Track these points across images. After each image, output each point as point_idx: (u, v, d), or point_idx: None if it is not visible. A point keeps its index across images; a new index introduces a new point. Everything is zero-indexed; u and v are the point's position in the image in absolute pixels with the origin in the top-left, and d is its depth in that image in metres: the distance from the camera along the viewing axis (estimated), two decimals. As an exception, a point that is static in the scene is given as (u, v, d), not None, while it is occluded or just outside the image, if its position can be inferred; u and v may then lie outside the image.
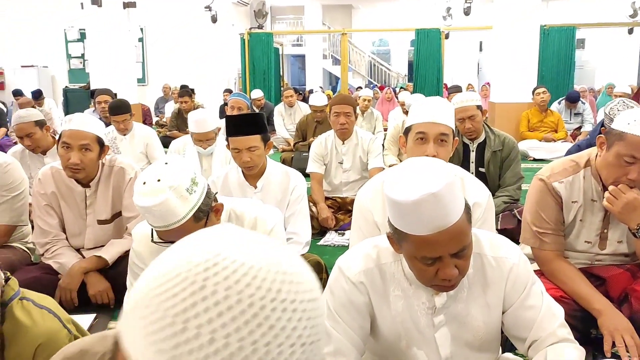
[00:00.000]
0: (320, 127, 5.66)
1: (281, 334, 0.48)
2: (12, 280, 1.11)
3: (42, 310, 1.11)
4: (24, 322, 1.07)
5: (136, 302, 0.50)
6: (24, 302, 1.10)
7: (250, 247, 0.51)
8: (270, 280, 0.49)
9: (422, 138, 1.90)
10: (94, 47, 8.22)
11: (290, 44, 18.68)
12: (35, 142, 3.40)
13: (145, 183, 1.50)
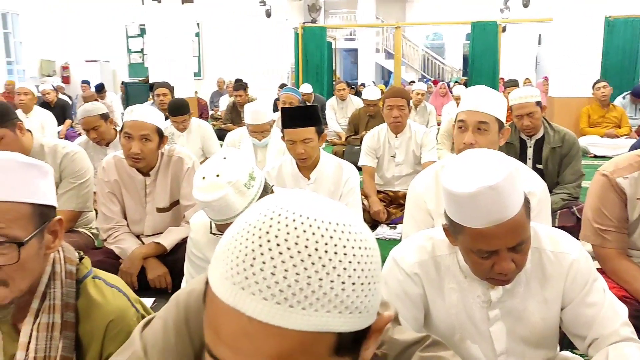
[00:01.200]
0: (373, 121, 5.64)
1: (333, 272, 0.55)
2: (85, 259, 1.17)
3: (112, 289, 1.16)
4: (96, 299, 1.11)
5: (220, 248, 0.60)
6: (96, 281, 1.15)
7: (314, 204, 0.59)
8: (325, 228, 0.56)
9: (461, 127, 1.89)
10: (153, 42, 8.47)
11: (343, 38, 18.67)
12: (100, 135, 3.57)
13: (204, 178, 1.53)
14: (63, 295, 1.09)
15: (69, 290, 1.10)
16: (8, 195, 0.99)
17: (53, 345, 1.07)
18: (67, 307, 1.09)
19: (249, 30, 11.92)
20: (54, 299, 1.08)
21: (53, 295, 1.08)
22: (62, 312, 1.08)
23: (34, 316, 1.07)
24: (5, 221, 0.98)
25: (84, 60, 13.06)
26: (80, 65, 13.09)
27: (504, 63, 11.31)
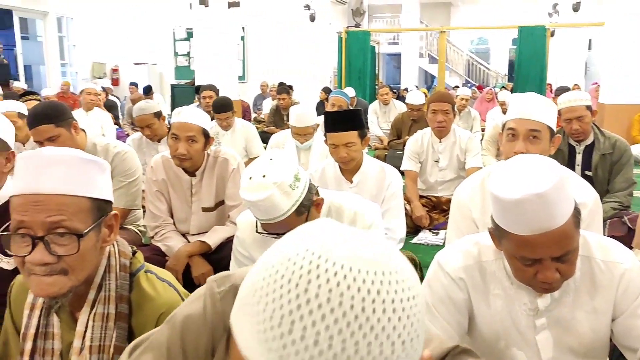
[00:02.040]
0: (416, 126, 5.60)
1: (382, 334, 0.50)
2: (138, 253, 1.22)
3: (163, 283, 1.19)
4: (148, 292, 1.16)
5: (246, 296, 0.54)
6: (148, 275, 1.19)
7: (350, 247, 0.53)
8: (370, 281, 0.51)
9: (512, 134, 1.85)
10: (199, 46, 8.66)
11: (386, 42, 18.60)
12: (153, 132, 3.72)
13: (251, 178, 1.56)
14: (117, 287, 1.13)
15: (122, 282, 1.15)
16: (70, 190, 1.03)
17: (107, 335, 1.11)
18: (121, 298, 1.13)
19: (293, 35, 12.04)
20: (109, 291, 1.13)
21: (108, 286, 1.13)
22: (117, 304, 1.12)
23: (90, 306, 1.12)
24: (67, 214, 1.02)
25: (133, 63, 13.45)
26: (129, 68, 13.49)
27: (552, 68, 11.05)
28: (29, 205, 1.01)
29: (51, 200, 1.02)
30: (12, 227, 1.03)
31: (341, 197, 1.83)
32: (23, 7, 11.23)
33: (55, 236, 1.02)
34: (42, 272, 1.02)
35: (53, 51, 12.14)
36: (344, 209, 1.78)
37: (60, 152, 1.06)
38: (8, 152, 1.66)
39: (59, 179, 1.03)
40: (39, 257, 1.01)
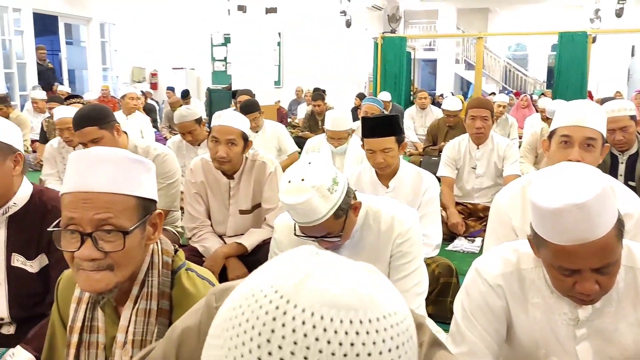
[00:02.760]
0: (453, 132, 5.56)
1: None
2: (180, 252, 1.25)
3: (203, 281, 1.22)
4: (189, 290, 1.18)
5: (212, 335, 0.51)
6: (189, 273, 1.22)
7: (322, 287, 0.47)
8: (343, 332, 0.45)
9: (566, 142, 1.80)
10: (236, 51, 8.78)
11: (421, 48, 18.50)
12: (194, 137, 3.84)
13: (290, 181, 1.58)
14: (159, 284, 1.16)
15: (164, 279, 1.18)
16: (118, 188, 1.07)
17: (149, 330, 1.14)
18: (163, 295, 1.16)
19: (329, 40, 12.09)
20: (151, 287, 1.16)
21: (151, 283, 1.16)
22: (158, 300, 1.15)
23: (133, 301, 1.15)
24: (114, 211, 1.06)
25: (171, 67, 13.72)
26: (167, 73, 13.76)
27: (593, 75, 10.79)
28: (79, 203, 1.05)
29: (99, 198, 1.05)
30: (62, 224, 1.06)
31: (379, 202, 1.84)
32: (68, 14, 11.59)
33: (102, 233, 1.05)
34: (90, 267, 1.06)
35: (95, 56, 12.50)
36: (382, 214, 1.78)
37: (108, 152, 1.10)
38: (15, 155, 1.65)
39: (107, 177, 1.06)
40: (87, 253, 1.04)
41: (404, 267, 1.74)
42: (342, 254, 1.76)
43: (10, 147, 1.61)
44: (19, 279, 1.67)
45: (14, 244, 1.66)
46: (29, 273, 1.67)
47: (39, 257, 1.68)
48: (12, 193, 1.63)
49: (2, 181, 1.59)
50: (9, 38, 10.37)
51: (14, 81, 10.60)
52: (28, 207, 1.66)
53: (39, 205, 1.67)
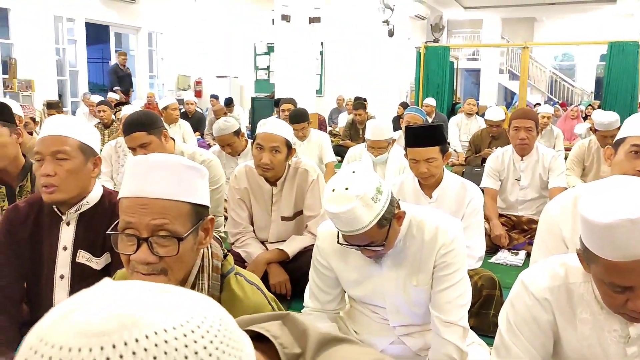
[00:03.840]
0: (496, 143, 5.48)
1: None
2: (229, 256, 1.28)
3: (252, 286, 1.25)
4: (238, 294, 1.21)
5: None
6: (238, 277, 1.25)
7: (79, 318, 0.43)
8: (102, 358, 0.41)
9: (636, 152, 1.74)
10: (279, 60, 8.89)
11: (465, 57, 18.30)
12: (233, 148, 3.92)
13: (334, 190, 1.58)
14: (209, 287, 1.19)
15: (214, 283, 1.20)
16: (173, 194, 1.09)
17: None
18: (212, 298, 1.19)
19: (371, 49, 12.09)
20: (201, 290, 1.18)
21: (201, 286, 1.18)
22: None
23: None
24: (170, 217, 1.08)
25: (215, 75, 13.98)
26: (211, 81, 14.03)
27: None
28: (136, 208, 1.08)
29: (156, 204, 1.07)
30: (120, 227, 1.10)
31: (423, 212, 1.83)
32: (119, 23, 11.99)
33: (158, 238, 1.08)
34: (145, 270, 1.09)
35: (143, 64, 12.87)
36: (425, 224, 1.77)
37: (165, 158, 1.13)
38: (95, 158, 1.76)
39: (164, 184, 1.09)
40: (143, 257, 1.07)
41: (448, 278, 1.72)
42: (385, 263, 1.76)
43: (92, 150, 1.74)
44: (81, 274, 1.74)
45: (81, 241, 1.75)
46: (92, 270, 1.75)
47: (105, 255, 1.77)
48: (87, 193, 1.74)
49: (82, 181, 1.70)
50: (62, 47, 10.79)
51: (67, 88, 11.01)
52: (97, 207, 1.76)
53: (107, 206, 1.77)
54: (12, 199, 2.41)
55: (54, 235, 1.74)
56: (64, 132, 1.67)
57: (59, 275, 1.74)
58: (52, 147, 1.65)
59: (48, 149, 1.65)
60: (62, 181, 1.64)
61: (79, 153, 1.68)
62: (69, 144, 1.66)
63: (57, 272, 1.74)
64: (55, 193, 1.65)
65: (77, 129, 1.70)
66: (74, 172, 1.67)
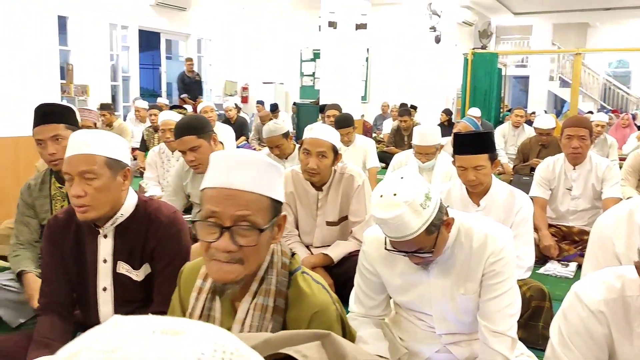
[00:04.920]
0: (545, 151, 5.35)
1: None
2: (296, 255, 1.31)
3: (318, 285, 1.28)
4: (305, 291, 1.24)
5: None
6: (305, 276, 1.28)
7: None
8: None
9: None
10: (325, 66, 8.93)
11: (513, 64, 17.93)
12: (282, 151, 3.97)
13: (382, 196, 1.58)
14: (277, 282, 1.22)
15: (282, 279, 1.23)
16: (257, 188, 1.14)
17: (264, 325, 1.20)
18: (280, 294, 1.22)
19: (417, 56, 12.01)
20: (270, 284, 1.22)
21: (269, 281, 1.22)
22: (275, 297, 1.21)
23: (251, 296, 1.21)
24: (252, 209, 1.12)
25: (261, 82, 14.18)
26: (257, 86, 14.24)
27: None
28: (222, 198, 1.12)
29: (241, 196, 1.12)
30: (203, 215, 1.14)
31: (471, 219, 1.80)
32: (169, 30, 12.34)
33: (239, 228, 1.12)
34: (224, 258, 1.13)
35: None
36: (474, 231, 1.74)
37: (251, 154, 1.18)
38: (125, 170, 1.72)
39: (249, 178, 1.13)
40: (225, 245, 1.11)
41: (497, 286, 1.69)
42: (432, 270, 1.75)
43: (120, 163, 1.71)
44: (123, 285, 1.77)
45: (120, 253, 1.76)
46: (133, 281, 1.78)
47: (144, 267, 1.78)
48: (120, 205, 1.74)
49: (113, 196, 1.69)
50: (116, 53, 11.18)
51: (119, 93, 11.39)
52: (133, 217, 1.77)
53: (143, 215, 1.77)
54: (71, 198, 2.51)
55: (93, 247, 1.76)
56: (88, 149, 1.64)
57: (102, 288, 1.77)
58: (79, 167, 1.63)
59: (75, 169, 1.63)
60: (92, 200, 1.63)
61: (106, 170, 1.66)
62: (96, 162, 1.64)
63: (100, 285, 1.77)
64: (88, 212, 1.65)
65: (102, 144, 1.67)
66: (104, 189, 1.65)
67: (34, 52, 4.23)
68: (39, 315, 1.76)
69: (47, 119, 2.38)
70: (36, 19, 4.24)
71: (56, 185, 2.53)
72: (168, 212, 1.79)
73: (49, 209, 2.53)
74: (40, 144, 2.39)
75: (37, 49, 4.24)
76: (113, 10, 10.57)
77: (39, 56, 4.27)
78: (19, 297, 2.46)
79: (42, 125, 2.37)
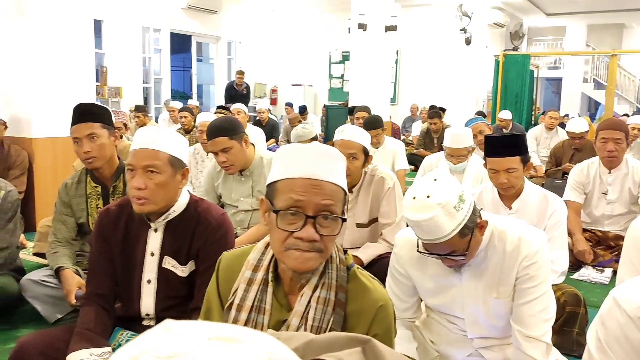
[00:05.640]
0: (579, 155, 5.24)
1: None
2: (348, 252, 1.32)
3: (375, 280, 1.30)
4: (367, 285, 1.25)
5: None
6: (362, 271, 1.30)
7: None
8: None
9: None
10: (355, 68, 8.93)
11: (545, 66, 17.62)
12: None
13: (415, 198, 1.57)
14: (337, 277, 1.23)
15: (342, 274, 1.24)
16: (336, 179, 1.17)
17: (325, 319, 1.21)
18: (340, 288, 1.23)
19: (447, 58, 11.92)
20: (330, 279, 1.22)
21: (330, 275, 1.23)
22: (336, 292, 1.22)
23: (312, 289, 1.22)
24: (334, 200, 1.16)
25: (290, 84, 14.24)
26: (286, 89, 14.31)
27: None
28: (308, 187, 1.14)
29: (325, 186, 1.14)
30: (285, 205, 1.15)
31: (505, 222, 1.78)
32: (201, 33, 12.50)
33: (321, 218, 1.14)
34: (306, 247, 1.14)
35: (222, 72, 13.34)
36: (507, 234, 1.72)
37: (327, 148, 1.22)
38: (183, 169, 1.79)
39: (330, 169, 1.17)
40: (310, 234, 1.12)
41: (531, 290, 1.67)
42: (465, 273, 1.73)
43: (181, 162, 1.78)
44: (167, 281, 1.82)
45: (167, 248, 1.81)
46: (177, 276, 1.82)
47: (189, 264, 1.83)
48: (174, 202, 1.80)
49: (171, 193, 1.76)
50: (148, 56, 11.38)
51: (151, 95, 11.59)
52: (183, 215, 1.82)
53: (193, 214, 1.82)
54: (106, 198, 2.57)
55: (143, 240, 1.82)
56: (155, 145, 1.71)
57: (147, 280, 1.82)
58: (143, 161, 1.70)
59: (140, 162, 1.70)
60: (152, 194, 1.70)
61: (169, 167, 1.73)
62: (160, 158, 1.71)
63: (145, 277, 1.82)
64: (145, 205, 1.72)
65: (168, 142, 1.75)
66: (164, 185, 1.72)
67: (72, 55, 4.35)
68: (83, 306, 1.82)
69: (84, 118, 2.46)
70: (74, 23, 4.36)
71: (91, 184, 2.59)
72: (217, 214, 1.84)
73: (85, 207, 2.60)
74: (77, 142, 2.46)
75: (74, 52, 4.36)
76: (146, 13, 10.76)
77: (77, 59, 4.38)
78: (56, 293, 2.53)
79: (80, 124, 2.45)
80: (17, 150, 4.09)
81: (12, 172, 4.02)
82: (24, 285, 2.59)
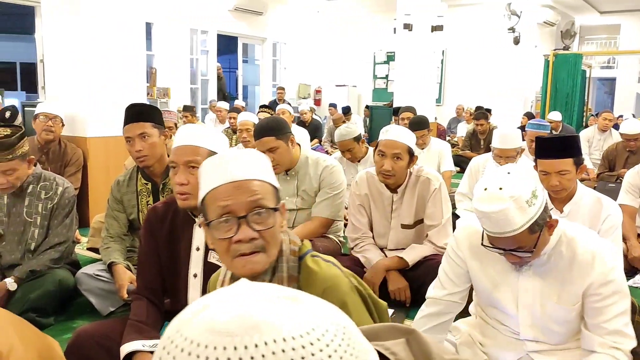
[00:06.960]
0: (633, 158, 5.06)
1: None
2: (305, 241, 1.34)
3: (327, 262, 1.31)
4: (313, 269, 1.27)
5: None
6: (314, 258, 1.31)
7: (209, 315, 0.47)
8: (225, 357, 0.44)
9: None
10: (400, 68, 8.87)
11: (598, 65, 17.03)
12: (354, 155, 4.01)
13: (486, 189, 1.55)
14: (288, 269, 1.25)
15: (292, 265, 1.26)
16: (258, 175, 1.20)
17: None
18: (291, 279, 1.25)
19: (494, 57, 11.68)
20: (281, 272, 1.24)
21: (281, 268, 1.25)
22: (288, 284, 1.23)
23: None
24: (262, 193, 1.18)
25: (334, 85, 14.26)
26: (330, 89, 14.33)
27: None
28: (231, 191, 1.16)
29: (248, 184, 1.17)
30: (217, 215, 1.17)
31: (575, 229, 1.69)
32: (247, 34, 12.67)
33: (254, 214, 1.16)
34: (249, 249, 1.16)
35: (267, 73, 13.47)
36: (578, 245, 1.64)
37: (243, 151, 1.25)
38: None
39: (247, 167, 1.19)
40: (246, 234, 1.15)
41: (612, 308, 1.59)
42: (526, 272, 1.69)
43: None
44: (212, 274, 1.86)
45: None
46: (216, 266, 1.85)
47: None
48: None
49: None
50: (196, 57, 11.60)
51: (197, 96, 11.81)
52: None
53: None
54: (156, 194, 2.65)
55: (188, 236, 1.86)
56: (195, 141, 1.77)
57: (193, 274, 1.86)
58: (185, 157, 1.76)
59: (181, 158, 1.76)
60: (194, 189, 1.71)
61: None
62: (200, 153, 1.74)
63: (191, 271, 1.86)
64: (188, 200, 1.75)
65: (208, 138, 1.79)
66: None
67: (124, 57, 4.48)
68: (134, 300, 1.88)
69: (136, 117, 2.54)
70: (127, 25, 4.49)
71: (142, 181, 2.67)
72: None
73: (136, 203, 2.68)
74: (129, 141, 2.55)
75: (126, 54, 4.49)
76: (194, 16, 10.98)
77: (129, 61, 4.52)
78: (109, 287, 2.62)
79: (132, 124, 2.54)
80: (72, 148, 4.25)
81: (68, 169, 4.18)
82: (79, 278, 2.70)
